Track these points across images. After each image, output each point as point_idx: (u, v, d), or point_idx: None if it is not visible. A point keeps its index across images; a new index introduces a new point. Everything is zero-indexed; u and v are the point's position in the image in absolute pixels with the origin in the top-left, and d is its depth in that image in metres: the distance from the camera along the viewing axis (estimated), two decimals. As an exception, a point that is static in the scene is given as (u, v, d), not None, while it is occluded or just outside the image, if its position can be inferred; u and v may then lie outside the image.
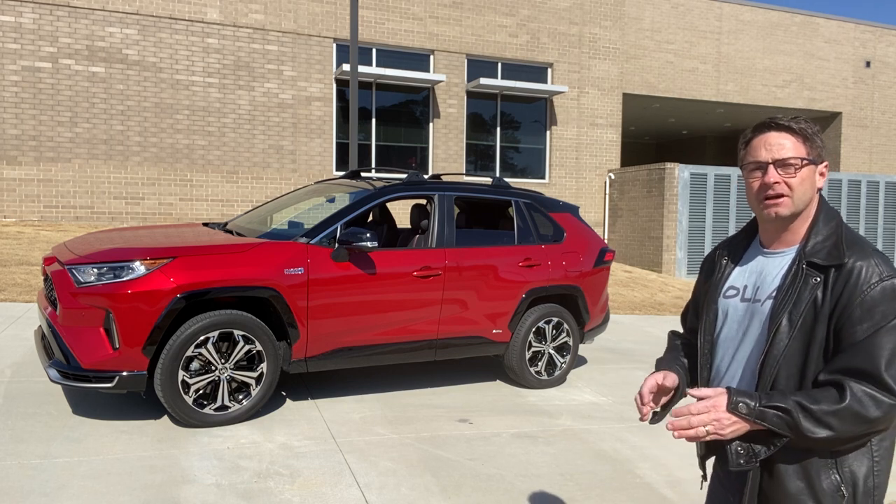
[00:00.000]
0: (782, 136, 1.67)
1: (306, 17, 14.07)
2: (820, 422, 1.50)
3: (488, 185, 6.09)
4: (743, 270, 1.80)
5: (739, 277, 1.79)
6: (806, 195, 1.67)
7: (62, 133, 12.45)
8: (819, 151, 1.69)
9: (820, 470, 1.59)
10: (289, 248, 4.74)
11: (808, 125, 1.69)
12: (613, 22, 17.03)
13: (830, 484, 1.58)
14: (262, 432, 4.39)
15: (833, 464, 1.58)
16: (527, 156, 16.56)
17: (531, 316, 5.80)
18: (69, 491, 3.40)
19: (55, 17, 12.34)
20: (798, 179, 1.66)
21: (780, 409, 1.52)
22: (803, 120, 1.70)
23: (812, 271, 1.63)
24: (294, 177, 14.07)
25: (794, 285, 1.64)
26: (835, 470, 1.58)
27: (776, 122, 1.69)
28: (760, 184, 1.68)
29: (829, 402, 1.50)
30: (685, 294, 12.77)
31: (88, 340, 4.17)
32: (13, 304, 7.52)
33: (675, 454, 4.55)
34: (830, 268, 1.61)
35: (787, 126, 1.68)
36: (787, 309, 1.62)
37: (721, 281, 1.83)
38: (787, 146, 1.66)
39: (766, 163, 1.67)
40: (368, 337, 5.05)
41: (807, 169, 1.66)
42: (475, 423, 4.87)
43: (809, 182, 1.67)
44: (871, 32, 20.64)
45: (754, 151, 1.70)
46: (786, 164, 1.65)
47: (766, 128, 1.70)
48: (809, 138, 1.67)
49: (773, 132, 1.69)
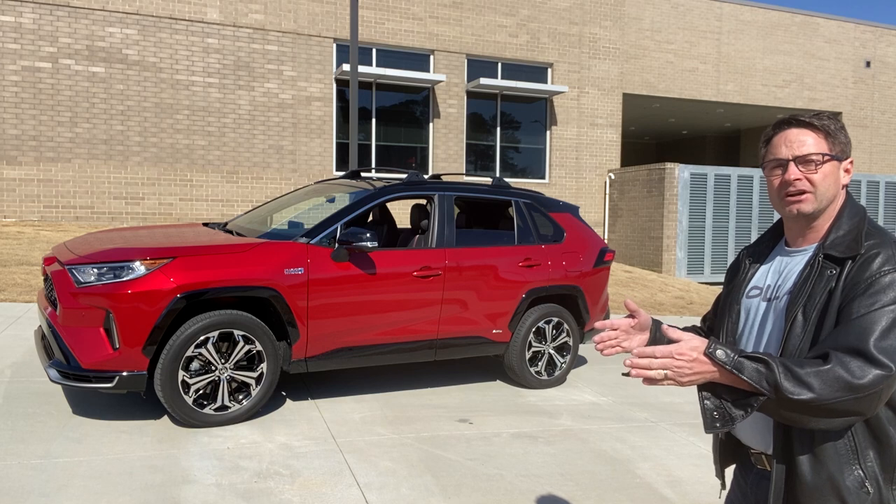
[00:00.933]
0: (803, 132, 1.64)
1: (306, 17, 14.07)
2: (801, 382, 1.43)
3: (488, 185, 6.09)
4: (766, 270, 1.77)
5: (762, 277, 1.77)
6: (829, 191, 1.63)
7: (62, 133, 12.44)
8: (843, 147, 1.65)
9: (843, 468, 1.52)
10: (289, 248, 4.74)
11: (832, 121, 1.65)
12: (613, 22, 17.03)
13: (854, 480, 1.52)
14: (262, 432, 4.39)
15: (855, 458, 1.52)
16: (527, 156, 16.56)
17: (531, 316, 5.80)
18: (69, 491, 3.40)
19: (55, 17, 12.34)
20: (820, 175, 1.62)
21: (760, 361, 1.46)
22: (826, 116, 1.66)
23: (829, 264, 1.59)
24: (294, 177, 14.07)
25: (809, 279, 1.60)
26: (858, 465, 1.52)
27: (797, 118, 1.66)
28: (781, 181, 1.65)
29: (811, 366, 1.45)
30: (685, 294, 12.77)
31: (88, 340, 4.17)
32: (13, 304, 7.52)
33: (675, 454, 4.55)
34: (847, 259, 1.57)
35: (808, 122, 1.64)
36: (802, 302, 1.59)
37: (744, 281, 1.80)
38: (809, 143, 1.63)
39: (787, 160, 1.64)
40: (368, 337, 5.05)
41: (829, 165, 1.63)
42: (475, 423, 4.87)
43: (832, 178, 1.63)
44: (871, 32, 20.64)
45: (775, 149, 1.67)
46: (807, 161, 1.62)
47: (786, 125, 1.67)
48: (832, 134, 1.64)
49: (793, 129, 1.65)
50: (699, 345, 1.49)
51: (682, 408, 5.68)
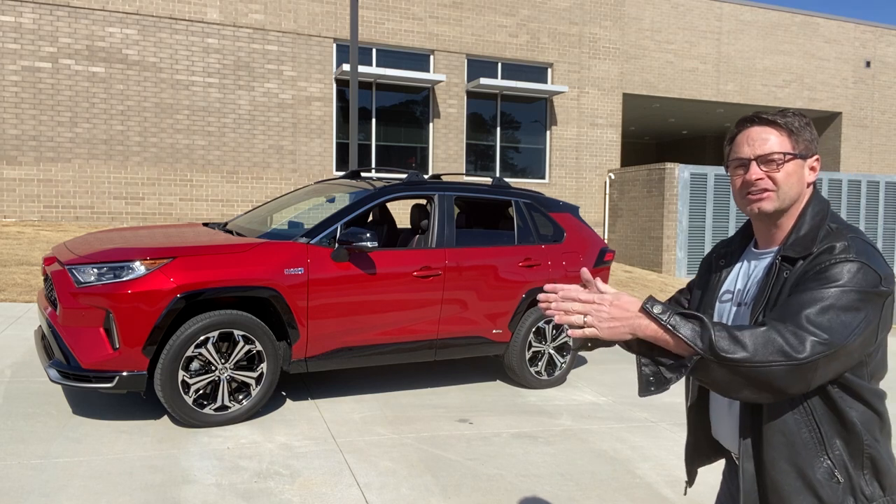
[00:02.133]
0: (766, 130, 1.60)
1: (306, 17, 14.07)
2: (736, 341, 1.37)
3: (488, 185, 6.09)
4: (736, 273, 1.74)
5: (733, 281, 1.73)
6: (792, 190, 1.59)
7: (62, 133, 12.44)
8: (807, 145, 1.61)
9: (812, 460, 1.50)
10: (289, 249, 4.74)
11: (796, 118, 1.61)
12: (613, 22, 17.03)
13: (824, 472, 1.49)
14: (262, 432, 4.39)
15: (822, 450, 1.50)
16: (527, 156, 16.56)
17: (531, 316, 5.80)
18: (69, 491, 3.40)
19: (55, 17, 12.34)
20: (783, 174, 1.58)
21: (695, 318, 1.42)
22: (791, 112, 1.62)
23: (785, 266, 1.56)
24: (294, 177, 14.07)
25: (768, 283, 1.57)
26: (825, 455, 1.49)
27: (760, 115, 1.61)
28: (743, 181, 1.62)
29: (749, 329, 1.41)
30: (685, 294, 12.77)
31: (88, 340, 4.17)
32: (13, 304, 7.52)
33: (675, 454, 4.55)
34: (800, 259, 1.54)
35: (771, 120, 1.60)
36: (761, 308, 1.55)
37: (717, 285, 1.77)
38: (771, 141, 1.59)
39: (749, 159, 1.60)
40: (368, 337, 5.05)
41: (793, 163, 1.59)
42: (475, 423, 4.87)
43: (796, 177, 1.59)
44: (871, 32, 20.64)
45: (738, 148, 1.63)
46: (769, 161, 1.58)
47: (749, 122, 1.63)
48: (795, 132, 1.60)
49: (756, 127, 1.61)
50: (634, 299, 1.49)
51: (682, 408, 5.68)
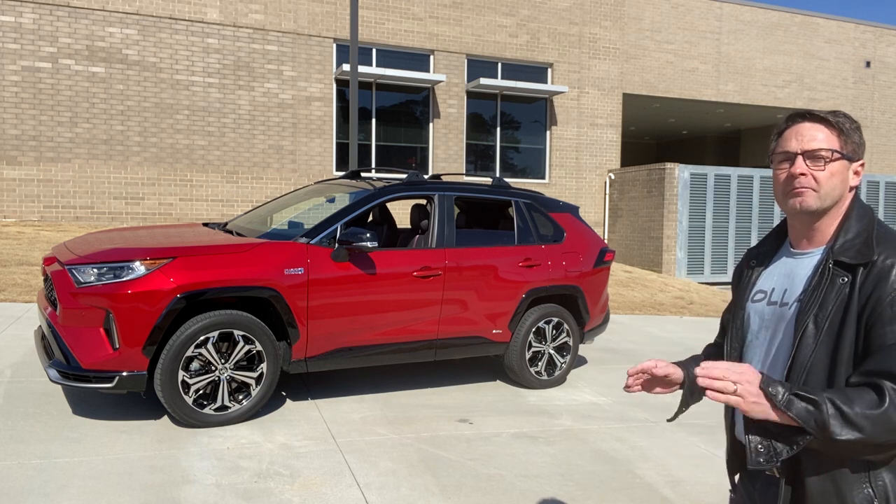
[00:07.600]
0: (816, 126, 1.59)
1: (306, 17, 14.06)
2: (851, 424, 1.39)
3: (488, 185, 6.09)
4: (770, 273, 1.72)
5: (767, 280, 1.71)
6: (835, 191, 1.58)
7: (62, 133, 12.44)
8: (855, 148, 1.60)
9: (853, 484, 1.49)
10: (289, 249, 4.74)
11: (847, 120, 1.60)
12: (613, 22, 17.03)
13: (863, 498, 1.49)
14: (262, 432, 4.39)
15: (866, 477, 1.49)
16: (527, 156, 16.56)
17: (531, 316, 5.80)
18: (69, 491, 3.40)
19: (55, 17, 12.33)
20: (826, 173, 1.56)
21: (811, 401, 1.41)
22: (842, 114, 1.61)
23: (839, 271, 1.53)
24: (294, 177, 14.07)
25: (819, 286, 1.54)
26: (868, 483, 1.49)
27: (812, 112, 1.61)
28: (787, 175, 1.60)
29: (863, 405, 1.40)
30: (685, 294, 12.77)
31: (88, 340, 4.17)
32: (13, 304, 7.52)
33: (675, 455, 4.55)
34: (859, 266, 1.51)
35: (823, 118, 1.59)
36: (813, 311, 1.53)
37: (749, 285, 1.75)
38: (820, 138, 1.57)
39: (795, 153, 1.58)
40: (368, 337, 5.05)
41: (838, 163, 1.57)
42: (475, 423, 4.87)
43: (840, 178, 1.58)
44: (871, 32, 20.64)
45: (785, 142, 1.62)
46: (815, 157, 1.57)
47: (800, 118, 1.62)
48: (845, 132, 1.58)
49: (807, 122, 1.60)
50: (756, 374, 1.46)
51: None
